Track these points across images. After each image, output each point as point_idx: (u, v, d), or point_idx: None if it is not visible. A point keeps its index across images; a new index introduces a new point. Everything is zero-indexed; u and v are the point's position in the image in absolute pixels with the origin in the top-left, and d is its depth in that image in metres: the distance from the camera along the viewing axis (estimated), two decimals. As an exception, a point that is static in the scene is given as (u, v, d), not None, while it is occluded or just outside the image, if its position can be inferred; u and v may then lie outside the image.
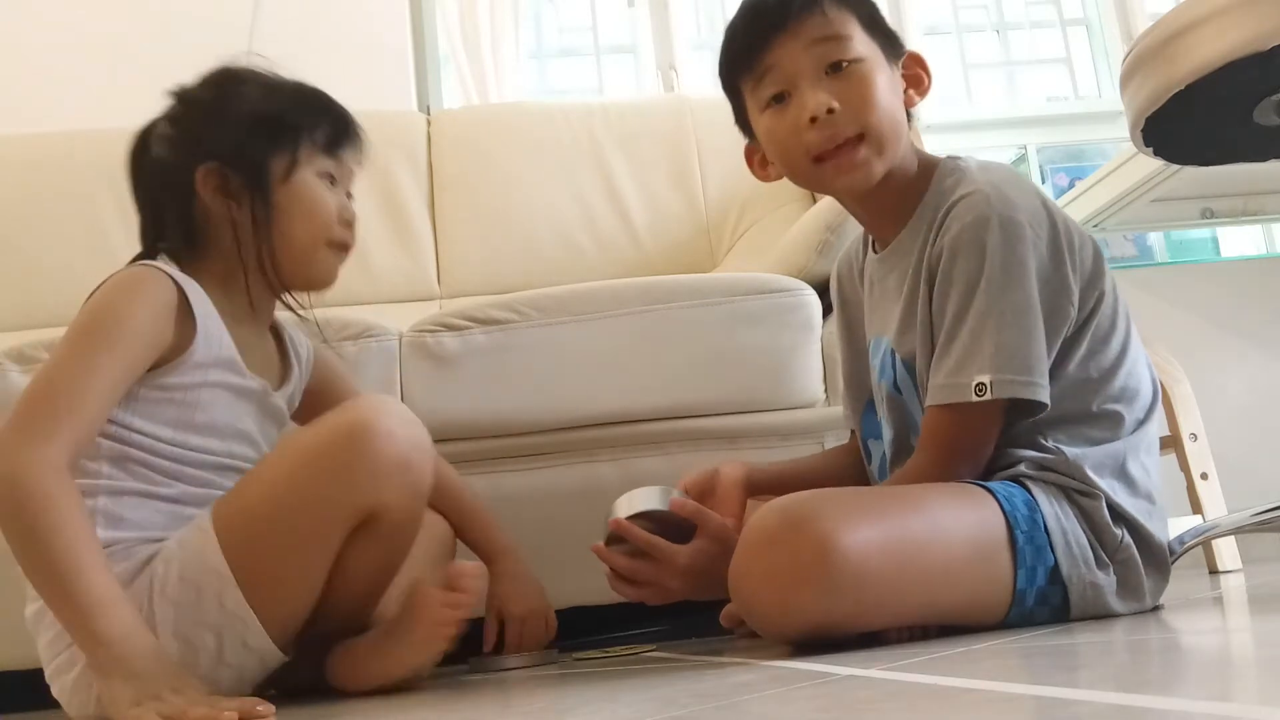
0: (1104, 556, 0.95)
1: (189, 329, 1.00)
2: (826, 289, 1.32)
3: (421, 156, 2.21)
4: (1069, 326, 0.98)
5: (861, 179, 1.02)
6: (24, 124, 2.16)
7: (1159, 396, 1.05)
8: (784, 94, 1.02)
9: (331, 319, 1.30)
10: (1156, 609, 0.99)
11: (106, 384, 0.94)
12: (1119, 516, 0.96)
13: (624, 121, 2.24)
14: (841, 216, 1.48)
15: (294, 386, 1.14)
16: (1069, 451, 0.96)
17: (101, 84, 2.27)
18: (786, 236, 1.66)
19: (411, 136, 2.22)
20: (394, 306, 1.99)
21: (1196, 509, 1.74)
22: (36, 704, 1.02)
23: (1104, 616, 0.94)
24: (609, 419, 1.41)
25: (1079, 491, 0.95)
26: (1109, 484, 0.96)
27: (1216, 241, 2.63)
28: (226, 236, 1.06)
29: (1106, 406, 0.99)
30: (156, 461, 0.98)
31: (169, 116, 1.09)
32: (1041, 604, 0.93)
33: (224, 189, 1.05)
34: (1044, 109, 2.89)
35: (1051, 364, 0.97)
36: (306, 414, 1.18)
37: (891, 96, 1.02)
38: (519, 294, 1.44)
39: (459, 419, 1.38)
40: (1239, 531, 1.57)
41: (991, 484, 0.95)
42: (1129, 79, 1.23)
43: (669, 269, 1.95)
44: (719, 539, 1.02)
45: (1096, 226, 2.16)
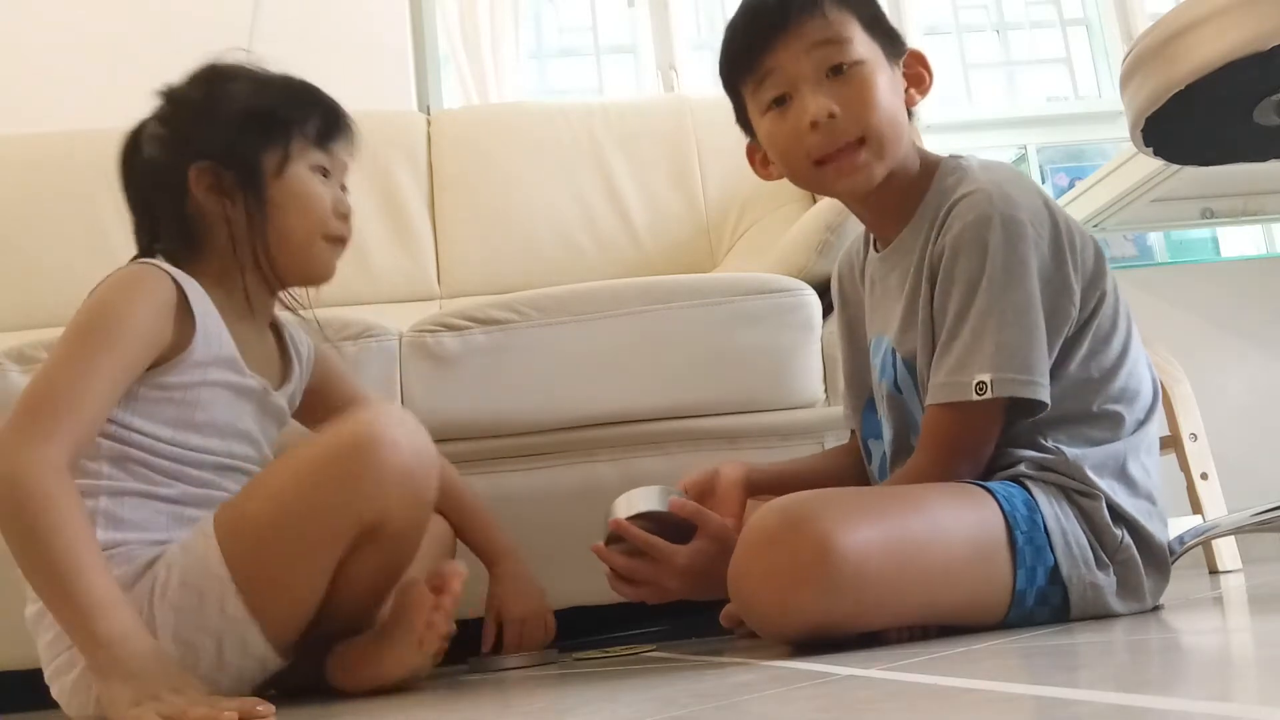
0: (1104, 557, 0.95)
1: (188, 327, 0.99)
2: (827, 289, 1.32)
3: (421, 156, 2.21)
4: (1070, 326, 0.98)
5: (862, 182, 1.02)
6: (24, 124, 2.16)
7: (1159, 397, 1.05)
8: (785, 97, 1.02)
9: (331, 319, 1.30)
10: (1156, 609, 0.99)
11: (106, 383, 0.94)
12: (1119, 517, 0.96)
13: (624, 121, 2.24)
14: (841, 216, 1.48)
15: (295, 385, 1.14)
16: (1069, 452, 0.96)
17: (101, 84, 2.26)
18: (786, 236, 1.66)
19: (411, 136, 2.22)
20: (394, 306, 1.98)
21: (1196, 509, 1.74)
22: (36, 704, 1.02)
23: (1104, 617, 0.94)
24: (609, 419, 1.41)
25: (1079, 492, 0.95)
26: (1109, 484, 0.96)
27: (1216, 241, 2.63)
28: (222, 235, 1.05)
29: (1107, 407, 0.99)
30: (156, 461, 0.98)
31: (158, 116, 1.08)
32: (1041, 604, 0.93)
33: (217, 187, 1.05)
34: (1044, 109, 2.89)
35: (1052, 364, 0.97)
36: (307, 413, 1.18)
37: (892, 97, 1.02)
38: (519, 294, 1.44)
39: (459, 419, 1.38)
40: (1239, 531, 1.57)
41: (991, 484, 0.95)
42: (1129, 79, 1.23)
43: (669, 269, 1.95)
44: (719, 539, 1.02)
45: (1096, 226, 2.16)
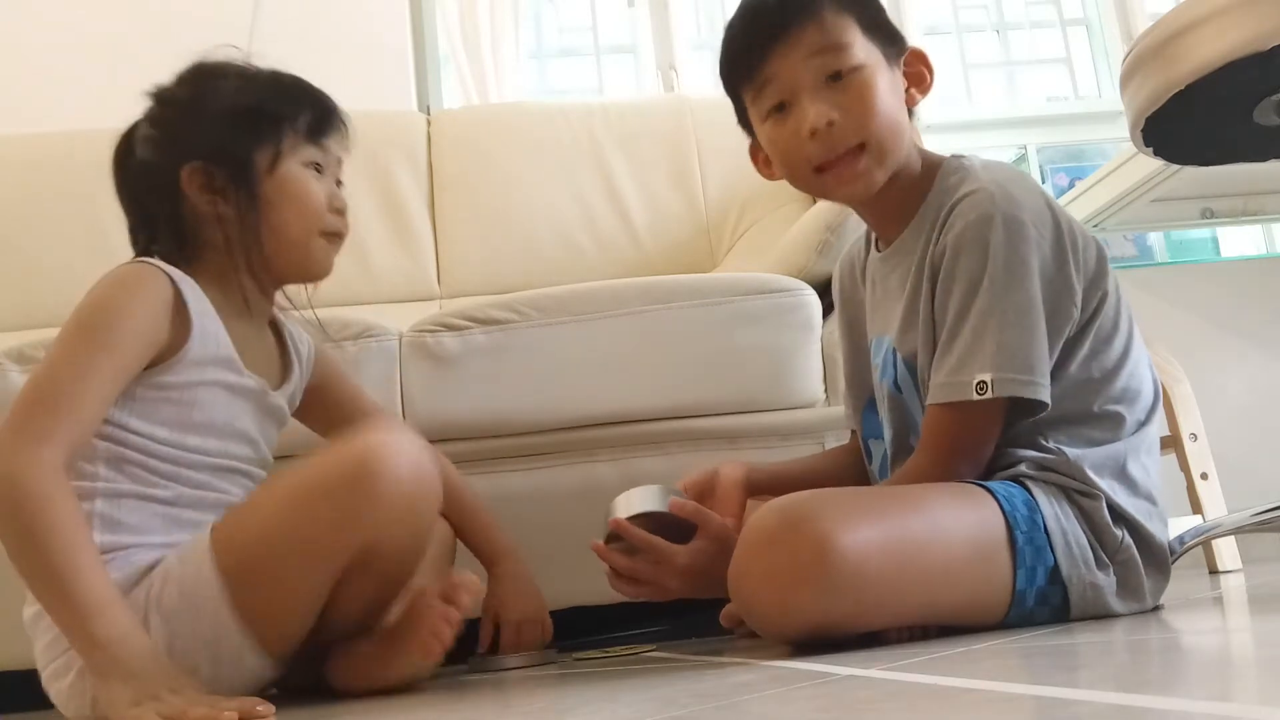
0: (1104, 557, 0.95)
1: (184, 327, 0.99)
2: (827, 289, 1.32)
3: (421, 156, 2.21)
4: (1071, 327, 0.98)
5: (862, 189, 1.02)
6: (24, 124, 2.16)
7: (1160, 398, 1.05)
8: (784, 104, 1.01)
9: (331, 319, 1.30)
10: (1157, 609, 0.99)
11: (104, 383, 0.93)
12: (1119, 517, 0.96)
13: (624, 121, 2.24)
14: (842, 216, 1.48)
15: (295, 385, 1.13)
16: (1069, 452, 0.96)
17: (101, 84, 2.25)
18: (786, 236, 1.66)
19: (411, 136, 2.22)
20: (394, 306, 1.98)
21: (1196, 509, 1.74)
22: (36, 704, 1.01)
23: (1104, 617, 0.94)
24: (609, 419, 1.41)
25: (1079, 492, 0.95)
26: (1109, 484, 0.96)
27: (1216, 241, 2.63)
28: (217, 234, 1.04)
29: (1107, 407, 0.99)
30: (153, 463, 0.98)
31: (148, 118, 1.07)
32: (1041, 604, 0.93)
33: (210, 187, 1.04)
34: (1044, 109, 2.89)
35: (1053, 364, 0.96)
36: (308, 412, 1.18)
37: (893, 100, 1.01)
38: (519, 294, 1.44)
39: (459, 419, 1.38)
40: (1239, 531, 1.57)
41: (991, 484, 0.95)
42: (1129, 79, 1.23)
43: (669, 269, 1.95)
44: (719, 539, 1.02)
45: (1096, 226, 2.16)
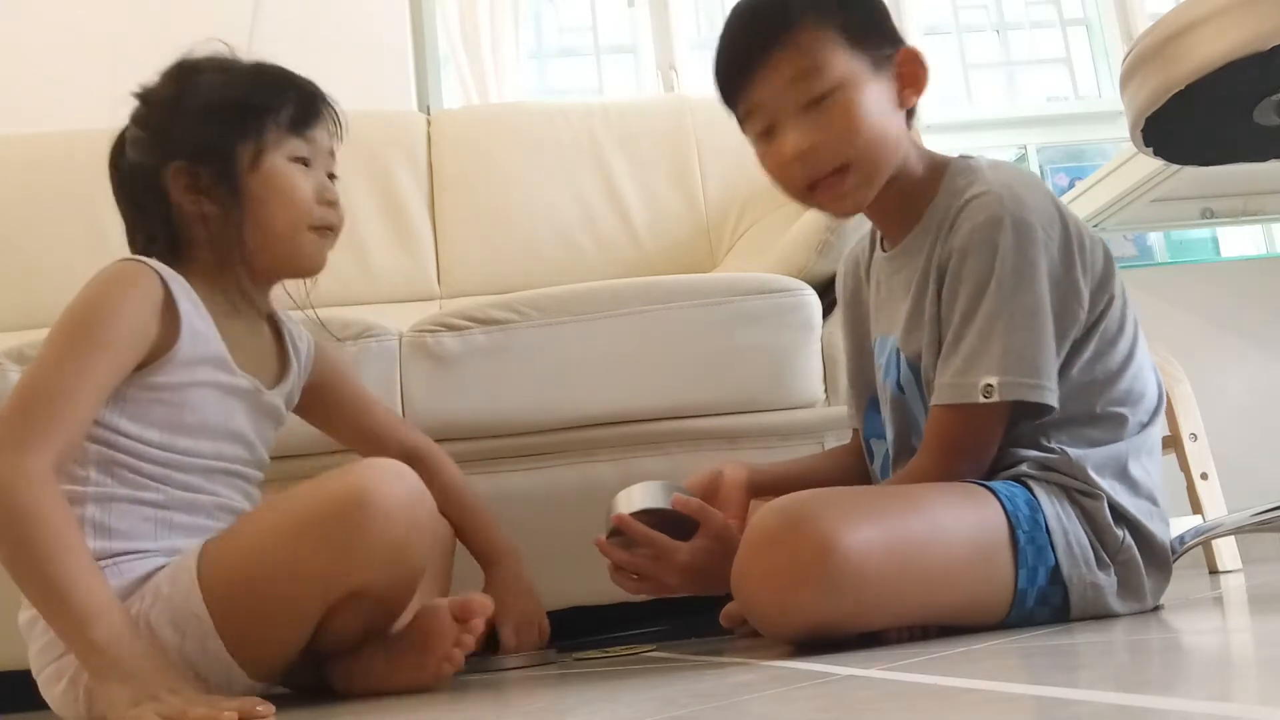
0: (1105, 557, 0.95)
1: (174, 326, 0.98)
2: (827, 289, 1.32)
3: (421, 156, 2.21)
4: (1077, 329, 0.98)
5: (851, 206, 1.03)
6: (24, 124, 2.16)
7: (1164, 400, 1.04)
8: (770, 128, 1.02)
9: (331, 319, 1.30)
10: (1157, 609, 0.99)
11: (95, 385, 0.92)
12: (1120, 517, 0.96)
13: (624, 121, 2.24)
14: (841, 216, 1.48)
15: (292, 383, 1.12)
16: (1071, 452, 0.96)
17: (101, 84, 2.24)
18: (786, 236, 1.66)
19: (411, 136, 2.22)
20: (394, 306, 1.98)
21: (1196, 509, 1.74)
22: (35, 704, 1.01)
23: (1104, 617, 0.94)
24: (609, 419, 1.41)
25: (1081, 492, 0.95)
26: (1110, 485, 0.96)
27: (1216, 241, 2.63)
28: (204, 233, 1.03)
29: (1110, 409, 0.99)
30: (143, 465, 0.96)
31: (135, 118, 1.07)
32: (1042, 604, 0.93)
33: (194, 186, 1.02)
34: (1044, 109, 2.90)
35: (1058, 365, 0.96)
36: (309, 410, 1.18)
37: (878, 115, 0.99)
38: (519, 294, 1.44)
39: (459, 419, 1.38)
40: (1239, 531, 1.57)
41: (993, 484, 0.94)
42: (1129, 79, 1.23)
43: (669, 269, 1.94)
44: (720, 537, 1.02)
45: (1096, 226, 2.15)
